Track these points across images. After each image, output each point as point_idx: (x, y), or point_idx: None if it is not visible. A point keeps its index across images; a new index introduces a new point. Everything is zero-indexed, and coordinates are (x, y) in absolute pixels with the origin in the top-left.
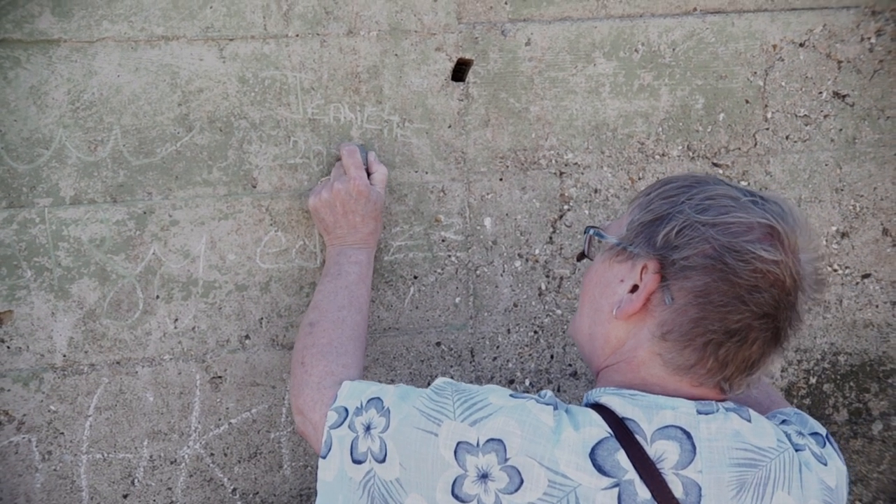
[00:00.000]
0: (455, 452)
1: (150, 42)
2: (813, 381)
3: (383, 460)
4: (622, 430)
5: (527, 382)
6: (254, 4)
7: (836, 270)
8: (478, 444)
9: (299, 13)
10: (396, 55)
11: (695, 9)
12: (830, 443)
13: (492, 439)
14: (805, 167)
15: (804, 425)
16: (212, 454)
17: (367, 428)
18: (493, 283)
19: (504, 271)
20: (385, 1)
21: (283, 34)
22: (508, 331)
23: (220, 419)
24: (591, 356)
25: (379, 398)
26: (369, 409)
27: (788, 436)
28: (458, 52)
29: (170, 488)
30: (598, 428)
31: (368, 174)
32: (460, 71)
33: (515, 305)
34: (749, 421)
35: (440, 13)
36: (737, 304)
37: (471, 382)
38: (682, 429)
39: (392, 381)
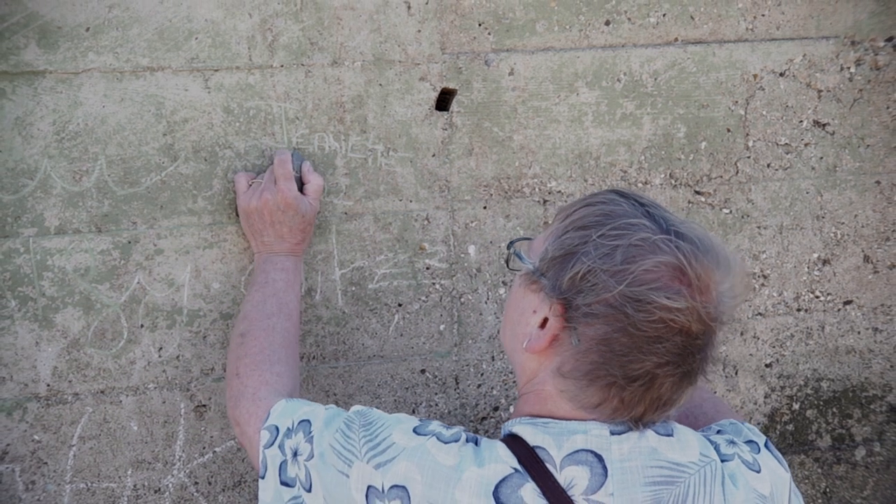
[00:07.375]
0: (366, 496)
1: (135, 73)
2: (796, 406)
3: (310, 489)
4: (532, 460)
5: (511, 409)
6: (239, 35)
7: (817, 297)
8: (383, 490)
9: (284, 44)
10: (381, 85)
11: (676, 39)
12: (769, 449)
13: (396, 486)
14: (786, 195)
15: (738, 434)
16: (196, 483)
17: (295, 454)
18: (478, 311)
19: (488, 299)
20: (369, 31)
21: (268, 65)
22: (493, 358)
23: (204, 448)
24: (515, 374)
25: (308, 421)
26: (298, 432)
27: (717, 446)
28: (441, 82)
29: None
30: (503, 464)
31: (302, 183)
32: (444, 100)
33: (500, 333)
34: (670, 435)
35: (424, 43)
36: (637, 355)
37: (456, 410)
38: (592, 452)
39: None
